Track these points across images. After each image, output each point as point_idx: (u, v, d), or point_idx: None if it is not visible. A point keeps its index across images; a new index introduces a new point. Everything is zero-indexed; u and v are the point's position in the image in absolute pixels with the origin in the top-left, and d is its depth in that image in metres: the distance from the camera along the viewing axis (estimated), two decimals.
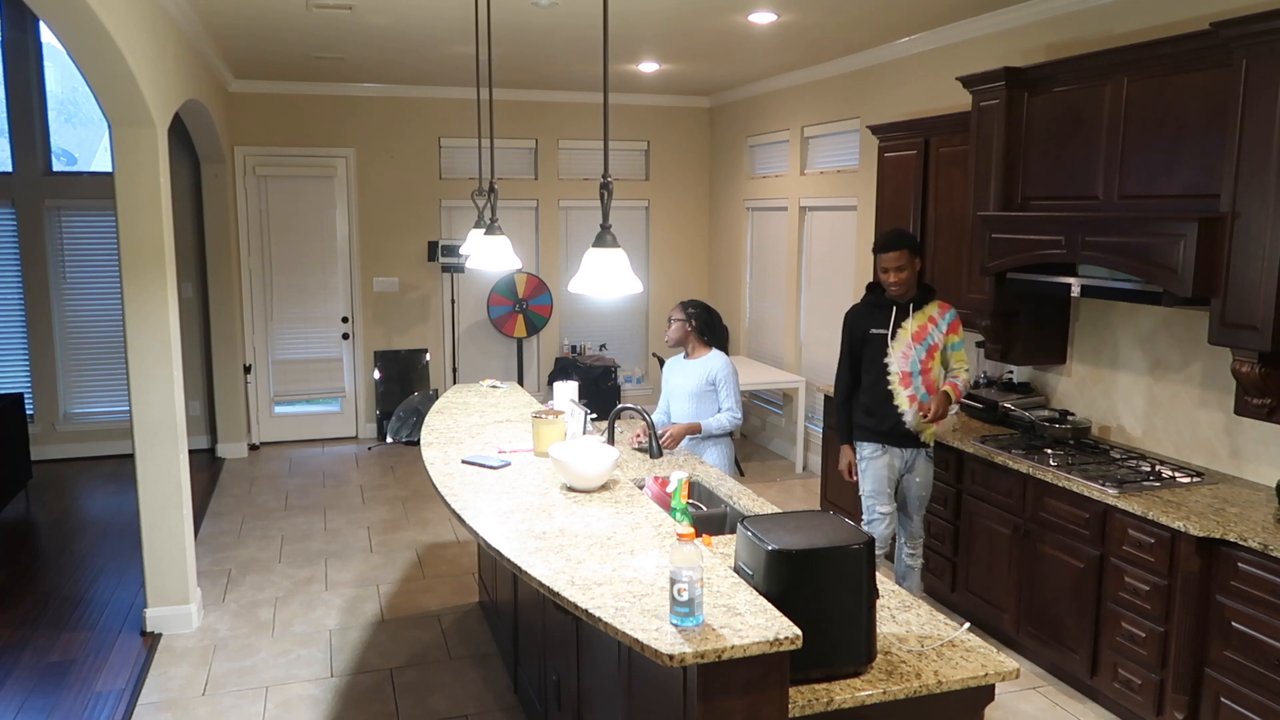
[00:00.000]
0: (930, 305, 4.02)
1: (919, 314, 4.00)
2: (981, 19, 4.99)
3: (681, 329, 4.30)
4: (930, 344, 3.98)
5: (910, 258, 3.94)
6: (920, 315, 4.00)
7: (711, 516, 3.37)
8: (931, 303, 4.02)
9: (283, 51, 6.14)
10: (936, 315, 4.01)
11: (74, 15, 3.30)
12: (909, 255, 3.94)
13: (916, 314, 3.99)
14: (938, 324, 4.00)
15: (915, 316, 3.99)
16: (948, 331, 4.00)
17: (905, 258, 3.93)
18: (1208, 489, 3.58)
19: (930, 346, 3.98)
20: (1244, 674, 3.08)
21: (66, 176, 7.29)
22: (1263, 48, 3.11)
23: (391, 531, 5.78)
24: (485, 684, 3.93)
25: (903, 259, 3.93)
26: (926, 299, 4.02)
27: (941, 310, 4.03)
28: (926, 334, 3.98)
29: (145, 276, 4.12)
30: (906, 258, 3.94)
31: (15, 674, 4.01)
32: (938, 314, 4.02)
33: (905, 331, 3.98)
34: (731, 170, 8.28)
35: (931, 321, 4.00)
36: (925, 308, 4.01)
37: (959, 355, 4.03)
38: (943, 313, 4.02)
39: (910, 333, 3.97)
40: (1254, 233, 3.17)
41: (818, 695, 2.04)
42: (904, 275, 3.94)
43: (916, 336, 3.97)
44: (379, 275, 7.99)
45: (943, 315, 4.02)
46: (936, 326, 4.00)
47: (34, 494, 6.60)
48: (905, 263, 3.94)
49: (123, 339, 4.19)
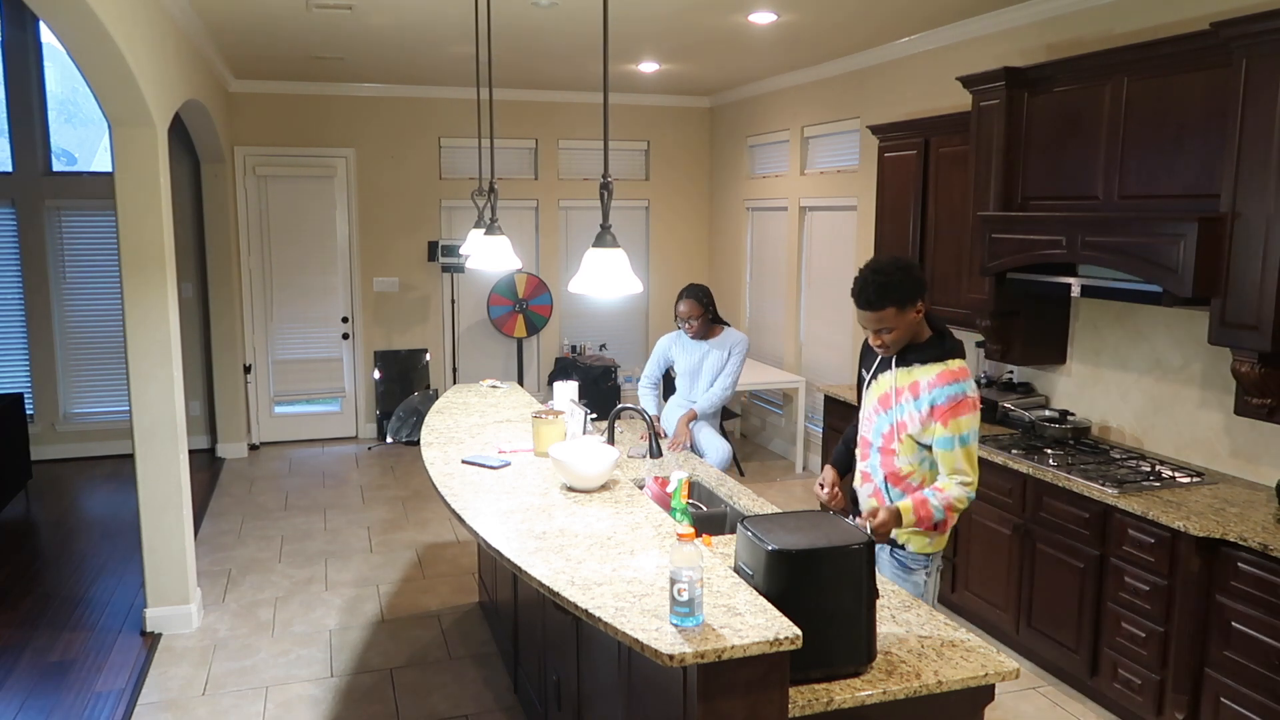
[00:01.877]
0: (926, 368, 2.69)
1: (902, 371, 2.74)
2: (981, 19, 4.99)
3: (703, 322, 4.46)
4: (896, 420, 2.74)
5: (900, 314, 2.67)
6: (904, 374, 2.74)
7: (711, 516, 3.37)
8: (932, 364, 2.69)
9: (283, 51, 6.14)
10: (924, 386, 2.67)
11: (74, 15, 3.30)
12: (897, 313, 2.66)
13: (900, 370, 2.75)
14: (918, 397, 2.68)
15: (898, 373, 2.76)
16: (933, 416, 2.65)
17: (893, 316, 2.67)
18: (1208, 489, 3.58)
19: (896, 423, 2.75)
20: (1244, 674, 3.08)
21: (66, 176, 7.29)
22: (1263, 48, 3.11)
23: (391, 531, 5.78)
24: (485, 684, 3.93)
25: (890, 319, 2.67)
26: (924, 358, 2.71)
27: (938, 381, 2.65)
28: (898, 402, 2.74)
29: (145, 276, 4.12)
30: (894, 316, 2.67)
31: (15, 674, 4.01)
32: (927, 384, 2.67)
33: (879, 387, 2.83)
34: (731, 170, 8.28)
35: (912, 391, 2.70)
36: (916, 369, 2.71)
37: (949, 457, 2.65)
38: (935, 385, 2.65)
39: (880, 392, 2.82)
40: (1254, 233, 3.17)
41: (818, 695, 2.04)
42: (891, 337, 2.71)
43: (884, 401, 2.80)
44: (379, 275, 7.99)
45: (931, 389, 2.65)
46: (915, 401, 2.68)
47: (34, 494, 6.60)
48: (894, 322, 2.68)
49: (123, 339, 4.18)
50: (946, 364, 2.69)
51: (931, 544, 2.82)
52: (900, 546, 2.82)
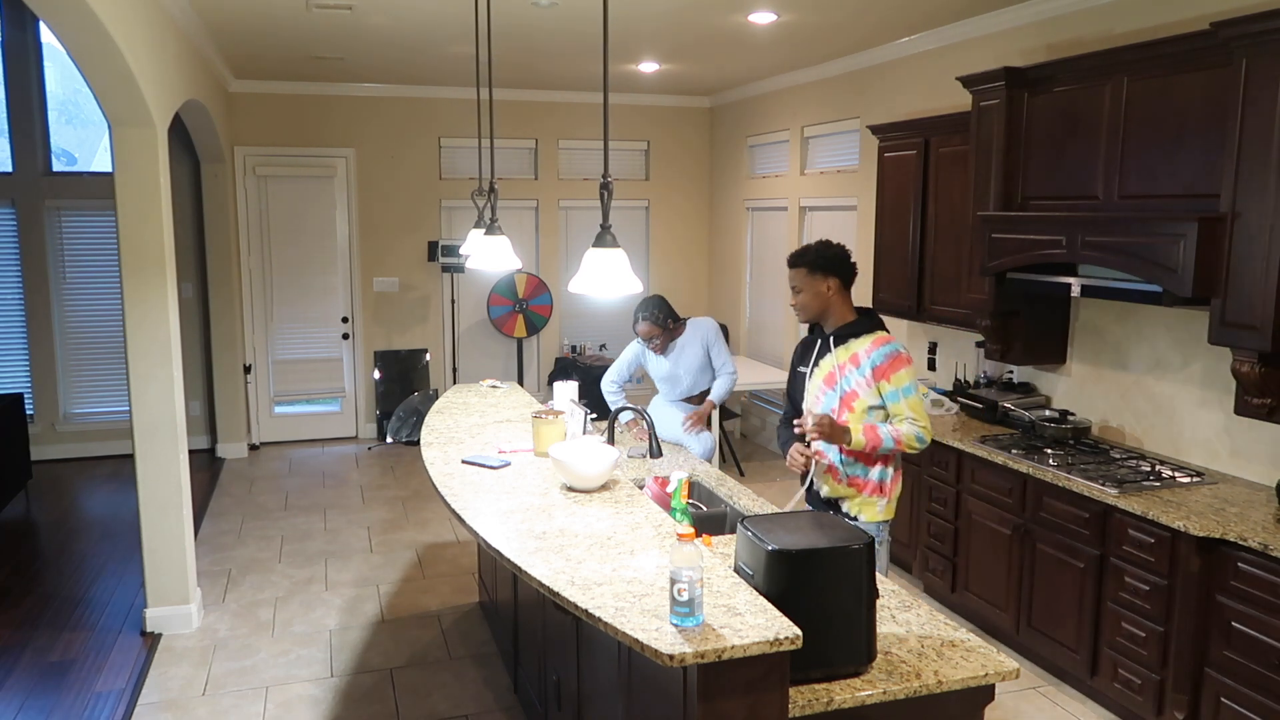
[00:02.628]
0: (860, 340, 3.07)
1: (840, 350, 3.09)
2: (981, 19, 4.99)
3: (665, 336, 4.50)
4: (845, 391, 3.05)
5: (809, 277, 3.08)
6: (842, 352, 3.09)
7: (711, 516, 3.37)
8: (865, 336, 3.08)
9: (283, 51, 6.14)
10: (863, 354, 3.04)
11: (74, 15, 3.30)
12: (806, 274, 3.08)
13: (838, 350, 3.10)
14: (860, 365, 3.03)
15: (836, 353, 3.10)
16: (875, 376, 3.01)
17: (802, 277, 3.09)
18: (1208, 489, 3.58)
19: (845, 395, 3.05)
20: (1244, 674, 3.08)
21: (66, 176, 7.29)
22: (1263, 48, 3.11)
23: (391, 531, 5.78)
24: (485, 684, 3.93)
25: (798, 278, 3.10)
26: (856, 331, 3.09)
27: (873, 346, 3.04)
28: (842, 376, 3.07)
29: (145, 276, 4.12)
30: (804, 277, 3.09)
31: (15, 674, 4.01)
32: (865, 352, 3.04)
33: (821, 371, 3.14)
34: (731, 170, 8.28)
35: (853, 362, 3.05)
36: (852, 343, 3.08)
37: (898, 408, 3.02)
38: (872, 350, 3.03)
39: (825, 373, 3.12)
40: (1254, 233, 3.17)
41: (818, 695, 2.04)
42: (801, 298, 3.12)
43: (830, 379, 3.10)
44: (379, 275, 7.99)
45: (869, 354, 3.03)
46: (857, 369, 3.03)
47: (34, 494, 6.60)
48: (802, 283, 3.10)
49: (123, 339, 4.19)
50: (876, 334, 3.09)
51: (881, 512, 3.13)
52: (853, 518, 3.11)
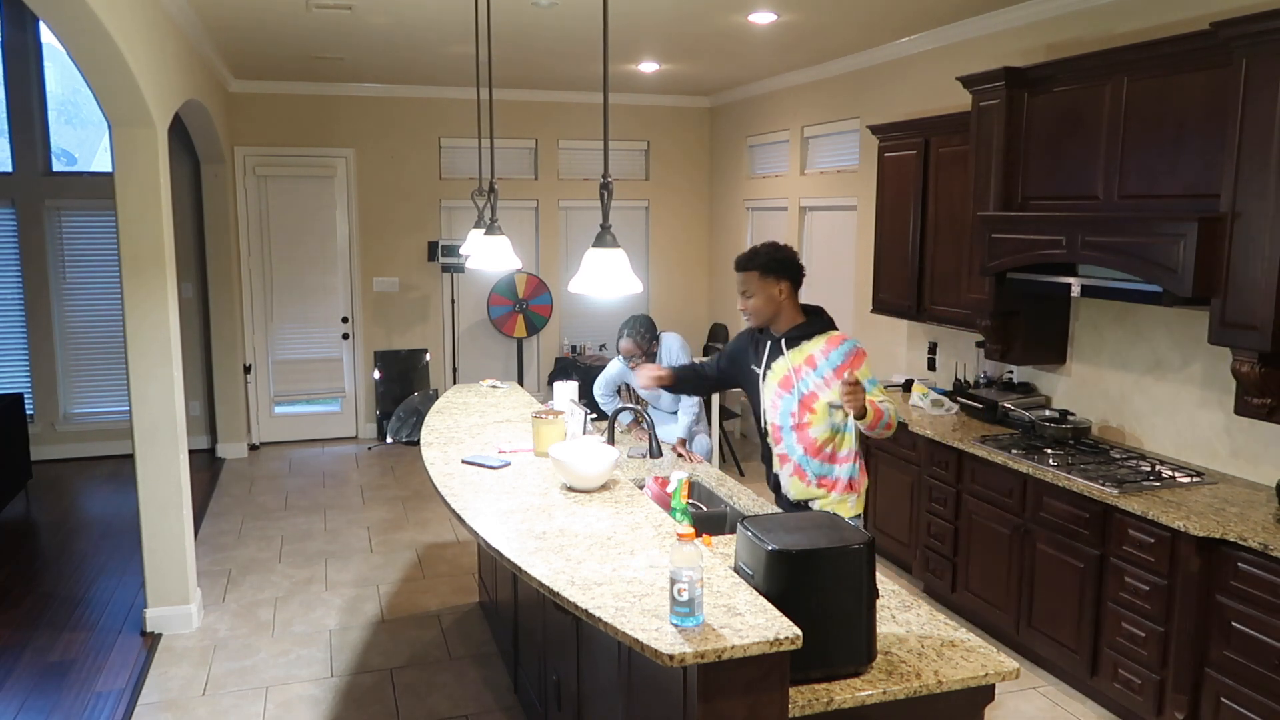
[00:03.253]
0: (814, 341, 3.04)
1: (794, 352, 3.06)
2: (981, 19, 4.99)
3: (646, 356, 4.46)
4: (804, 393, 3.03)
5: (761, 280, 3.04)
6: (796, 354, 3.05)
7: (711, 516, 3.37)
8: (817, 337, 3.04)
9: (283, 51, 6.14)
10: (819, 355, 3.01)
11: (74, 15, 3.30)
12: (759, 278, 3.04)
13: (791, 352, 3.06)
14: (816, 367, 3.00)
15: (790, 355, 3.06)
16: (837, 375, 2.96)
17: (754, 281, 3.05)
18: (1208, 489, 3.58)
19: (804, 396, 3.03)
20: (1244, 674, 3.08)
21: (66, 176, 7.29)
22: (1263, 48, 3.11)
23: (391, 531, 5.78)
24: (485, 684, 3.93)
25: (750, 282, 3.06)
26: (808, 333, 3.06)
27: (829, 347, 3.01)
28: (799, 378, 3.04)
29: (145, 276, 4.12)
30: (755, 281, 3.05)
31: (15, 674, 4.01)
32: (820, 353, 3.01)
33: (775, 373, 3.11)
34: (731, 170, 8.28)
35: (809, 364, 3.02)
36: (805, 345, 3.04)
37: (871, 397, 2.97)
38: (829, 350, 3.00)
39: (780, 376, 3.09)
40: (1254, 233, 3.17)
41: (818, 695, 2.04)
42: (751, 303, 3.07)
43: (786, 382, 3.08)
44: (379, 275, 7.99)
45: (826, 355, 3.00)
46: (815, 371, 3.00)
47: (34, 494, 6.60)
48: (753, 287, 3.06)
49: (123, 339, 4.19)
50: (828, 334, 3.06)
51: (853, 508, 3.13)
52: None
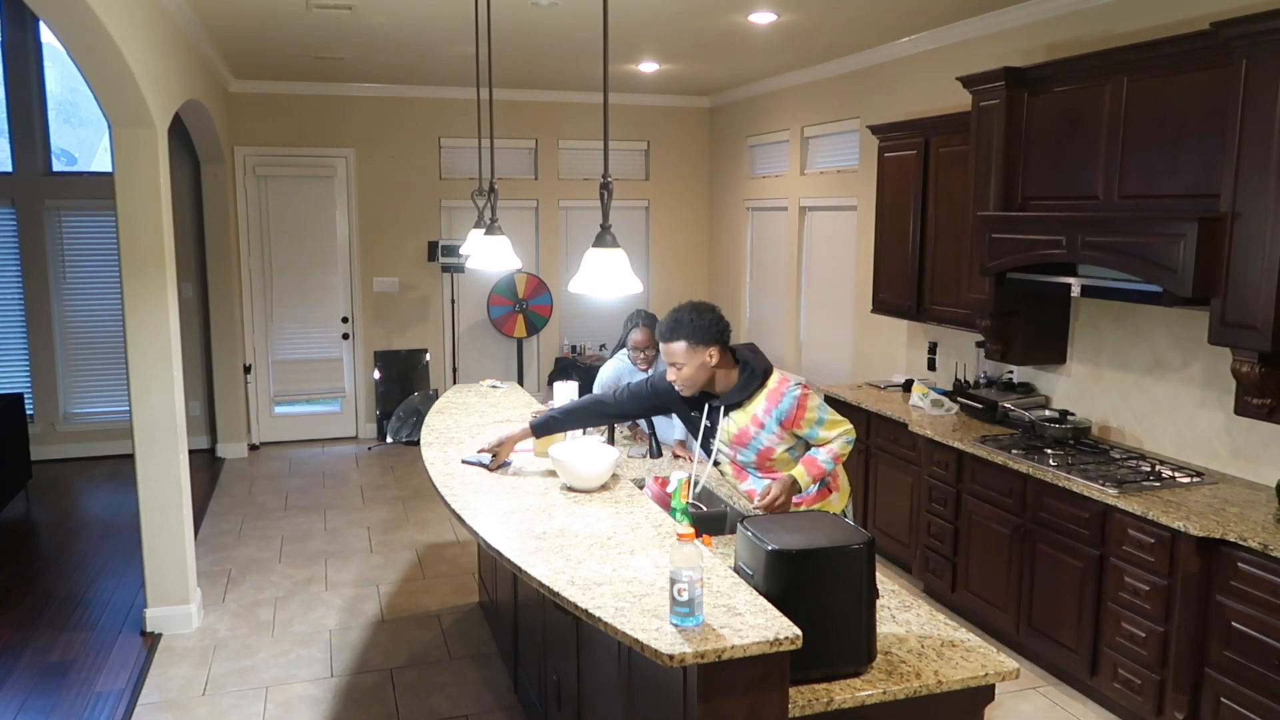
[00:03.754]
0: (755, 400, 2.95)
1: (739, 413, 2.99)
2: (981, 19, 4.99)
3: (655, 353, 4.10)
4: (759, 449, 3.01)
5: (690, 351, 2.86)
6: (741, 415, 2.98)
7: (711, 516, 3.37)
8: (756, 396, 2.95)
9: (283, 51, 6.14)
10: (761, 414, 2.94)
11: (74, 15, 3.30)
12: (687, 349, 2.86)
13: (736, 414, 2.99)
14: (764, 425, 2.96)
15: (735, 416, 3.00)
16: (786, 427, 2.94)
17: (683, 352, 2.87)
18: (1208, 489, 3.58)
19: (761, 451, 3.02)
20: (1244, 674, 3.08)
21: (66, 176, 7.29)
22: (1263, 48, 3.11)
23: (391, 531, 5.78)
24: (485, 684, 3.93)
25: (679, 354, 2.88)
26: (743, 396, 2.95)
27: (770, 405, 2.93)
28: (750, 437, 3.00)
29: (145, 276, 4.12)
30: (685, 352, 2.86)
31: (15, 674, 4.01)
32: (764, 412, 2.94)
33: (724, 431, 3.06)
34: (731, 170, 8.28)
35: (755, 424, 2.97)
36: (747, 405, 2.97)
37: (820, 438, 2.98)
38: (771, 409, 2.93)
39: (730, 434, 3.05)
40: (1254, 233, 3.17)
41: (818, 695, 2.04)
42: (684, 374, 2.91)
43: (738, 440, 3.04)
44: (379, 275, 7.99)
45: (769, 414, 2.93)
46: (763, 429, 2.96)
47: (34, 494, 6.60)
48: (683, 358, 2.88)
49: (123, 339, 4.19)
50: (766, 389, 2.97)
51: (836, 503, 3.17)
52: None
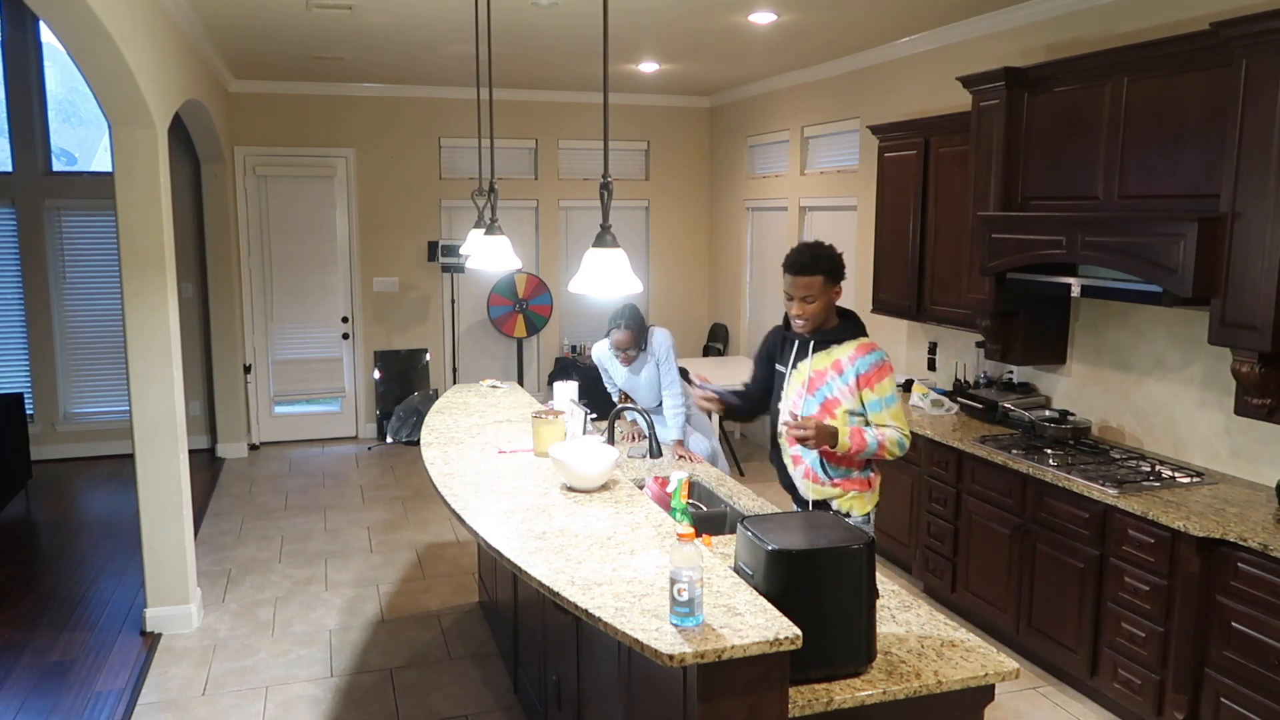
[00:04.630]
0: (843, 347, 2.97)
1: (821, 355, 2.99)
2: (981, 19, 4.99)
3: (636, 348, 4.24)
4: (827, 397, 2.97)
5: (826, 286, 2.95)
6: (823, 357, 2.98)
7: (711, 516, 3.37)
8: (847, 343, 2.98)
9: (283, 51, 6.14)
10: (846, 361, 2.95)
11: (74, 15, 3.30)
12: (824, 283, 2.95)
13: (818, 355, 3.00)
14: (843, 372, 2.94)
15: (815, 358, 3.00)
16: (859, 385, 2.93)
17: (819, 286, 2.95)
18: (1208, 489, 3.58)
19: (826, 401, 2.97)
20: (1244, 674, 3.08)
21: (66, 176, 7.29)
22: (1263, 48, 3.11)
23: (391, 531, 5.78)
24: (485, 684, 3.93)
25: (814, 287, 2.94)
26: (839, 337, 2.99)
27: (858, 354, 2.94)
28: (823, 382, 2.98)
29: (145, 276, 4.12)
30: (820, 286, 2.95)
31: (15, 674, 4.01)
32: (848, 359, 2.95)
33: (800, 374, 3.04)
34: (731, 170, 8.28)
35: (835, 369, 2.95)
36: (834, 349, 2.98)
37: (879, 417, 2.94)
38: (856, 358, 2.94)
39: (804, 377, 3.02)
40: (1254, 233, 3.17)
41: (818, 695, 2.04)
42: (812, 308, 2.97)
43: (810, 384, 3.01)
44: (379, 275, 7.99)
45: (854, 361, 2.94)
46: (840, 376, 2.94)
47: (34, 494, 6.60)
48: (817, 291, 2.95)
49: (123, 339, 4.19)
50: (859, 340, 2.98)
51: (868, 503, 3.11)
52: (846, 515, 3.07)
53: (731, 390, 3.38)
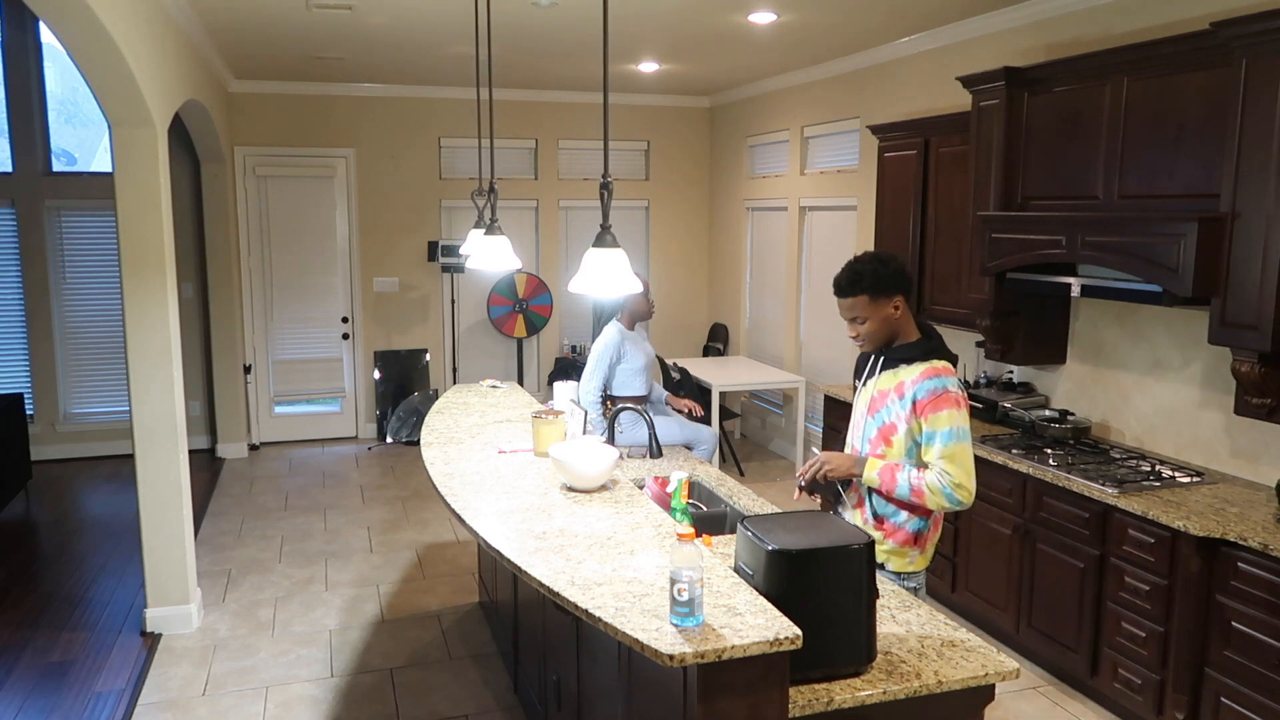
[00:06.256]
0: (911, 368, 2.65)
1: (888, 374, 2.70)
2: (981, 19, 4.99)
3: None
4: (885, 421, 2.69)
5: (873, 304, 2.66)
6: (889, 377, 2.70)
7: (711, 516, 3.37)
8: (917, 364, 2.65)
9: (283, 51, 6.14)
10: (909, 384, 2.63)
11: (74, 15, 3.30)
12: (869, 302, 2.66)
13: (884, 374, 2.71)
14: (904, 396, 2.63)
15: (881, 377, 2.72)
16: (915, 412, 2.61)
17: (864, 305, 2.67)
18: (1208, 489, 3.58)
19: (884, 426, 2.69)
20: (1244, 674, 3.08)
21: (66, 176, 7.29)
22: (1263, 48, 3.11)
23: (391, 531, 5.78)
24: (485, 684, 3.93)
25: (860, 307, 2.68)
26: (909, 356, 2.68)
27: (921, 377, 2.62)
28: (884, 404, 2.69)
29: (145, 276, 4.12)
30: (866, 305, 2.67)
31: (15, 674, 4.01)
32: (911, 382, 2.63)
33: (866, 394, 2.79)
34: (731, 170, 8.28)
35: (898, 391, 2.65)
36: (902, 369, 2.67)
37: (930, 453, 2.60)
38: (919, 381, 2.62)
39: (868, 398, 2.77)
40: (1254, 233, 3.17)
41: (818, 695, 2.04)
42: (865, 328, 2.71)
43: (871, 405, 2.74)
44: (379, 275, 7.99)
45: (915, 385, 2.62)
46: (900, 400, 2.64)
47: (34, 494, 6.60)
48: (865, 311, 2.68)
49: (123, 339, 4.19)
50: (930, 363, 2.65)
51: (911, 564, 2.72)
52: (880, 566, 2.70)
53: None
